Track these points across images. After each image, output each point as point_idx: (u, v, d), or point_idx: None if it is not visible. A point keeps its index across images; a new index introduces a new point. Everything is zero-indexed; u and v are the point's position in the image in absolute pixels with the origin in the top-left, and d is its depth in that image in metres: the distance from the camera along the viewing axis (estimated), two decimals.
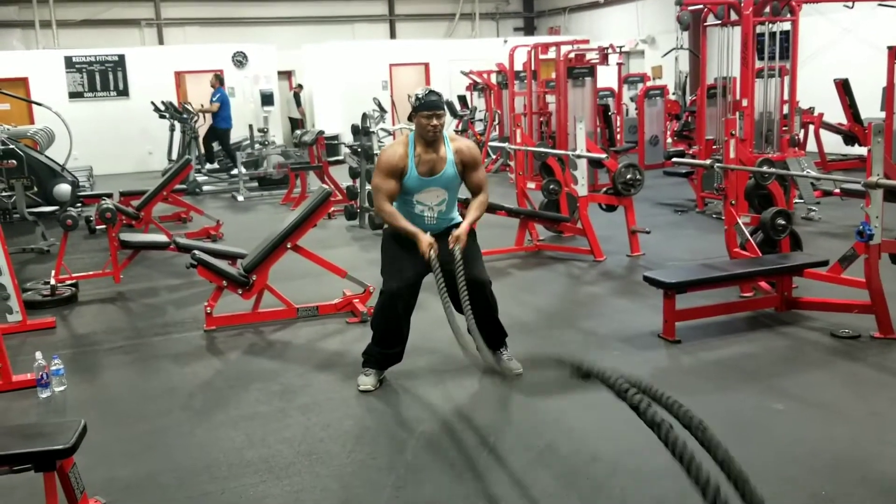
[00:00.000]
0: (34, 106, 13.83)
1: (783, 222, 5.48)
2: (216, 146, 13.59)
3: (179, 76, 16.29)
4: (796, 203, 8.01)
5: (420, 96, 3.97)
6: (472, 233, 4.20)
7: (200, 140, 13.50)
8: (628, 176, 6.92)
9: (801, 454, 3.26)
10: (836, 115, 11.15)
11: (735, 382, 4.09)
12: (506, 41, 16.08)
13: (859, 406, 3.75)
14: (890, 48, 9.60)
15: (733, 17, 8.18)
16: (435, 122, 3.93)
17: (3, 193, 8.58)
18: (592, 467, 3.25)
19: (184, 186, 9.85)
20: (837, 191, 6.94)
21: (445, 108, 4.13)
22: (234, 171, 12.23)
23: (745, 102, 7.84)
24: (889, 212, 4.54)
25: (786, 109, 8.21)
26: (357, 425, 3.78)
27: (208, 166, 13.33)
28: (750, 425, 3.57)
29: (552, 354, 2.62)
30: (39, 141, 10.24)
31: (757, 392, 3.92)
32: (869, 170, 4.39)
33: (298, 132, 12.09)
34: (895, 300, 4.60)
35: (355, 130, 8.87)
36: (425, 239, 3.94)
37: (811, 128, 11.07)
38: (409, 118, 4.08)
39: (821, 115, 11.16)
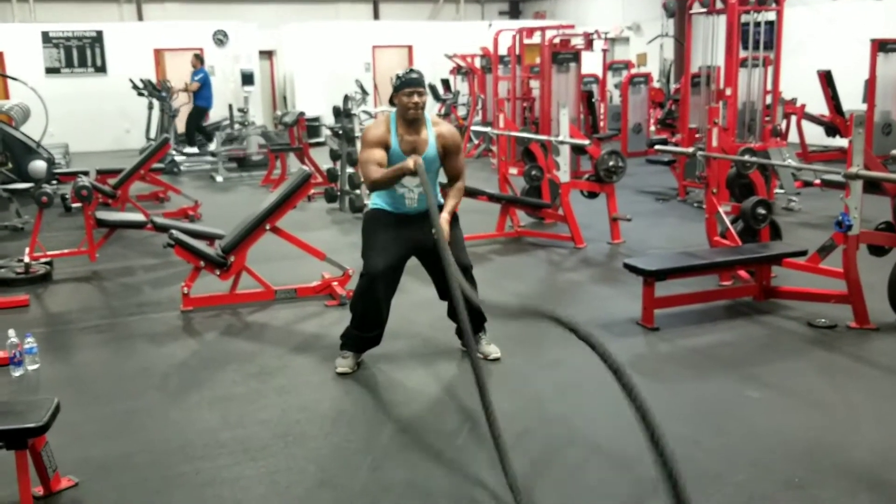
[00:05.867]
0: (9, 81, 13.59)
1: (763, 212, 5.50)
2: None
3: (158, 53, 16.07)
4: (777, 193, 8.05)
5: (400, 75, 3.95)
6: (454, 218, 4.17)
7: (182, 120, 13.34)
8: (611, 163, 6.92)
9: (776, 441, 3.28)
10: (819, 106, 11.22)
11: (712, 370, 4.11)
12: (490, 25, 16.01)
13: (834, 395, 3.79)
14: (873, 41, 9.65)
15: (719, 5, 8.18)
16: (416, 99, 3.90)
17: None
18: (568, 452, 3.26)
19: (161, 165, 9.73)
20: (818, 181, 6.99)
21: (426, 86, 4.10)
22: (211, 148, 12.09)
23: (728, 91, 7.85)
24: (868, 203, 4.56)
25: (769, 99, 8.24)
26: (334, 408, 3.76)
27: (188, 149, 13.17)
28: (725, 413, 3.59)
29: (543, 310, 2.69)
30: (14, 116, 10.06)
31: (733, 380, 3.94)
32: (849, 161, 4.41)
33: (279, 113, 11.97)
34: (872, 291, 4.64)
35: (337, 112, 8.80)
36: (407, 161, 3.81)
37: (793, 118, 11.13)
38: (391, 101, 4.03)
39: (803, 105, 11.23)
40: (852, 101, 10.81)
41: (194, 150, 13.15)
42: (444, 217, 3.91)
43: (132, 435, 3.51)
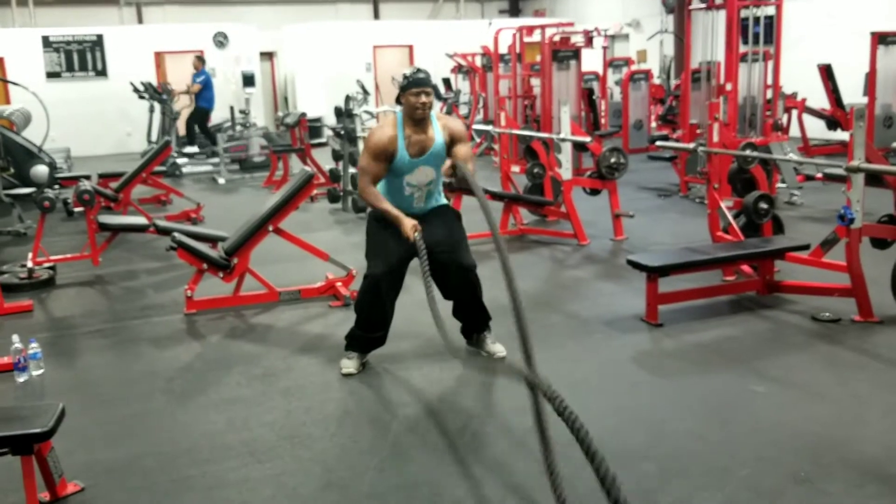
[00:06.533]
0: (10, 86, 13.61)
1: (766, 206, 5.50)
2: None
3: (159, 56, 16.08)
4: (779, 187, 8.04)
5: (407, 75, 3.93)
6: (457, 216, 4.17)
7: (183, 122, 13.36)
8: (612, 160, 6.92)
9: (781, 435, 3.27)
10: (819, 100, 11.20)
11: (716, 365, 4.10)
12: (490, 23, 16.00)
13: (839, 388, 3.78)
14: (873, 34, 9.63)
15: (718, 0, 8.17)
16: (424, 98, 3.89)
17: None
18: (572, 450, 3.25)
19: (163, 168, 9.75)
20: (820, 175, 6.98)
21: (433, 85, 4.10)
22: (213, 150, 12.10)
23: (729, 87, 7.84)
24: (870, 196, 4.56)
25: (769, 94, 8.23)
26: (339, 409, 3.76)
27: (188, 149, 13.19)
28: (731, 407, 3.59)
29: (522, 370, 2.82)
30: (16, 121, 10.07)
31: (738, 374, 3.94)
32: (850, 154, 4.40)
33: (280, 114, 11.99)
34: (875, 284, 4.63)
35: (338, 113, 8.80)
36: (408, 222, 3.91)
37: (794, 112, 11.11)
38: (397, 100, 4.02)
39: (804, 99, 11.20)
40: (853, 94, 10.79)
41: (195, 149, 13.16)
42: (469, 167, 3.88)
43: (138, 439, 3.51)
